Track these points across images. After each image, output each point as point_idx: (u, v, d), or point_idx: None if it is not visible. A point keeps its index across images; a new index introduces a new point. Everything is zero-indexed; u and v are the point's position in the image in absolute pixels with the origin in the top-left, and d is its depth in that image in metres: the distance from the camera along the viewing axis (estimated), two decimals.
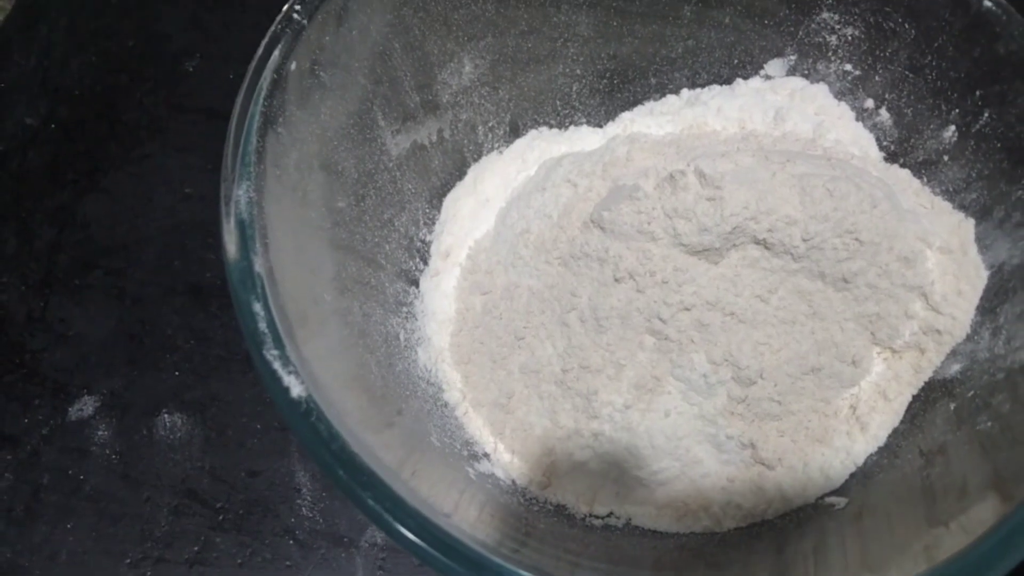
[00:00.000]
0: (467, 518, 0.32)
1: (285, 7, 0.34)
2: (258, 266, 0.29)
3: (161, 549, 0.41)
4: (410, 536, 0.26)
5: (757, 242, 0.37)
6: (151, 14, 0.54)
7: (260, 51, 0.32)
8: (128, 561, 0.40)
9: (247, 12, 0.54)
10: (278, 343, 0.28)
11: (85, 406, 0.43)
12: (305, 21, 0.33)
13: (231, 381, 0.44)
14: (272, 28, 0.33)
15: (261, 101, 0.31)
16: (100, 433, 0.43)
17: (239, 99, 0.32)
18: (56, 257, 0.47)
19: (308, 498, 0.42)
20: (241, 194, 0.30)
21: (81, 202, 0.49)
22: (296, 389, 0.27)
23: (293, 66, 0.33)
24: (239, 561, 0.41)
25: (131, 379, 0.44)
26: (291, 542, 0.41)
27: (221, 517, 0.41)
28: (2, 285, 0.46)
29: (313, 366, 0.29)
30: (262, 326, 0.28)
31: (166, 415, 0.43)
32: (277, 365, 0.27)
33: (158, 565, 0.40)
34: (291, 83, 0.33)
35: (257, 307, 0.28)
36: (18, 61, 0.53)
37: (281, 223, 0.32)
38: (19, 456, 0.42)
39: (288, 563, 0.41)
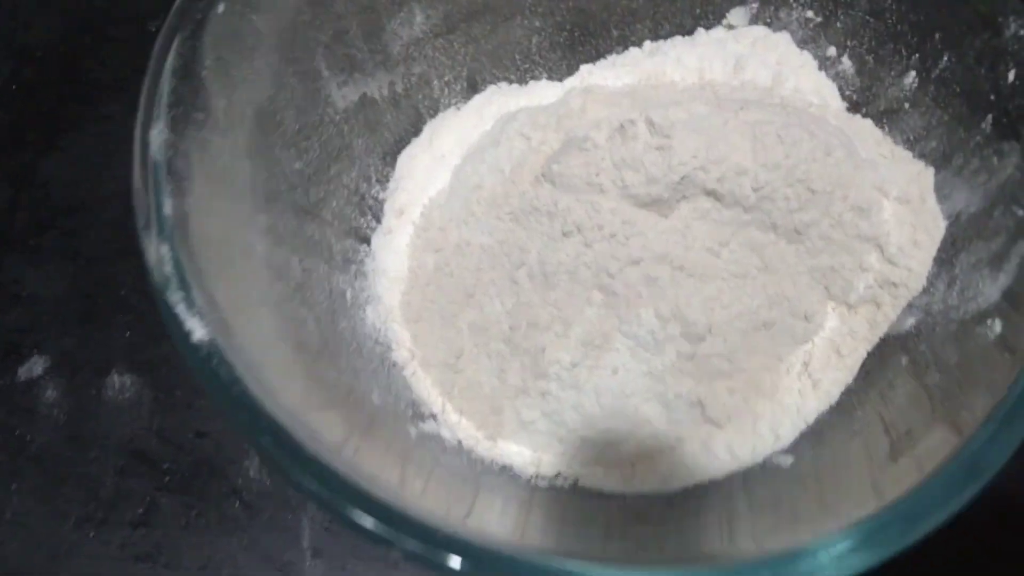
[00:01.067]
0: (414, 488, 0.31)
1: None
2: (168, 208, 0.28)
3: (106, 510, 0.40)
4: (343, 508, 0.25)
5: (708, 193, 0.36)
6: None
7: None
8: (72, 521, 0.40)
9: None
10: (183, 285, 0.27)
11: (35, 366, 0.43)
12: None
13: None
14: None
15: (181, 41, 0.31)
16: (49, 393, 0.42)
17: (159, 39, 0.31)
18: (13, 217, 0.47)
19: (256, 459, 0.41)
20: (154, 135, 0.29)
21: (41, 162, 0.48)
22: (198, 332, 0.26)
23: (221, 8, 0.32)
24: (184, 522, 0.40)
25: (83, 339, 0.44)
26: (237, 504, 0.40)
27: (167, 478, 0.41)
28: None
29: (230, 316, 0.28)
30: (167, 268, 0.27)
31: (116, 375, 0.43)
32: (180, 308, 0.26)
33: (102, 526, 0.40)
34: (218, 25, 0.32)
35: (164, 249, 0.27)
36: None
37: (204, 169, 0.31)
38: None
39: (234, 524, 0.40)
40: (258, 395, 0.26)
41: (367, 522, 0.24)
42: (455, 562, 0.24)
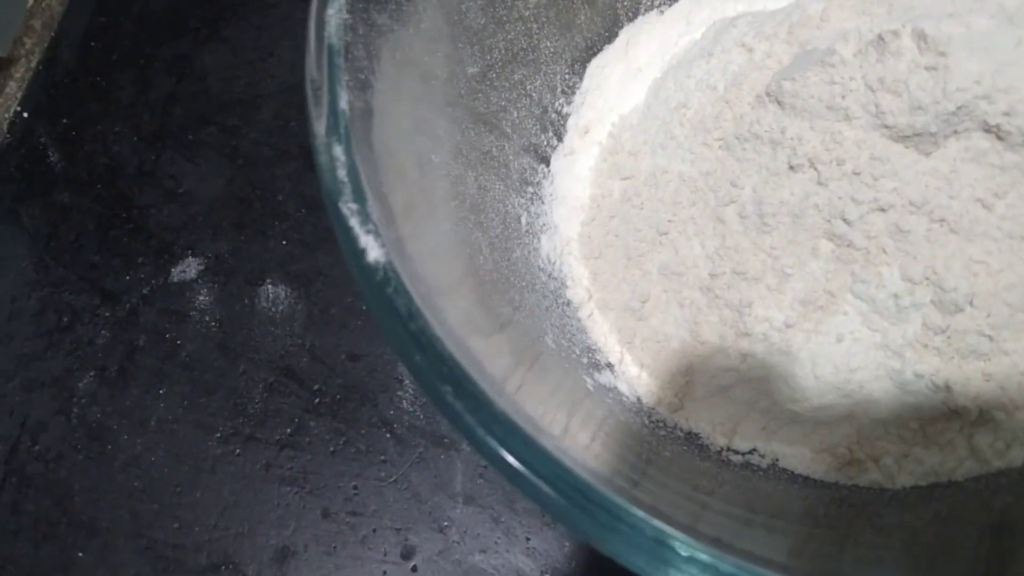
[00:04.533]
0: (578, 442, 0.27)
1: None
2: (344, 103, 0.24)
3: (253, 427, 0.38)
4: (502, 453, 0.21)
5: (988, 130, 0.29)
6: None
7: None
8: (219, 435, 0.38)
9: None
10: (358, 196, 0.23)
11: (188, 268, 0.41)
12: None
13: (340, 256, 0.40)
14: None
15: None
16: (201, 298, 0.41)
17: None
18: (171, 109, 0.45)
19: (410, 391, 0.39)
20: (331, 14, 0.25)
21: (200, 52, 0.46)
22: (374, 252, 0.22)
23: None
24: (332, 449, 0.38)
25: (237, 244, 0.42)
26: (388, 436, 0.38)
27: (317, 400, 0.39)
28: (115, 135, 0.44)
29: (405, 232, 0.24)
30: (341, 173, 0.23)
31: (270, 285, 0.40)
32: (354, 221, 0.22)
33: (248, 443, 0.38)
34: None
35: (338, 151, 0.23)
36: None
37: (383, 61, 0.27)
38: (118, 314, 0.40)
39: (383, 458, 0.37)
40: (438, 332, 0.21)
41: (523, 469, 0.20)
42: (615, 544, 0.19)
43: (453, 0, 0.31)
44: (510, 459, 0.21)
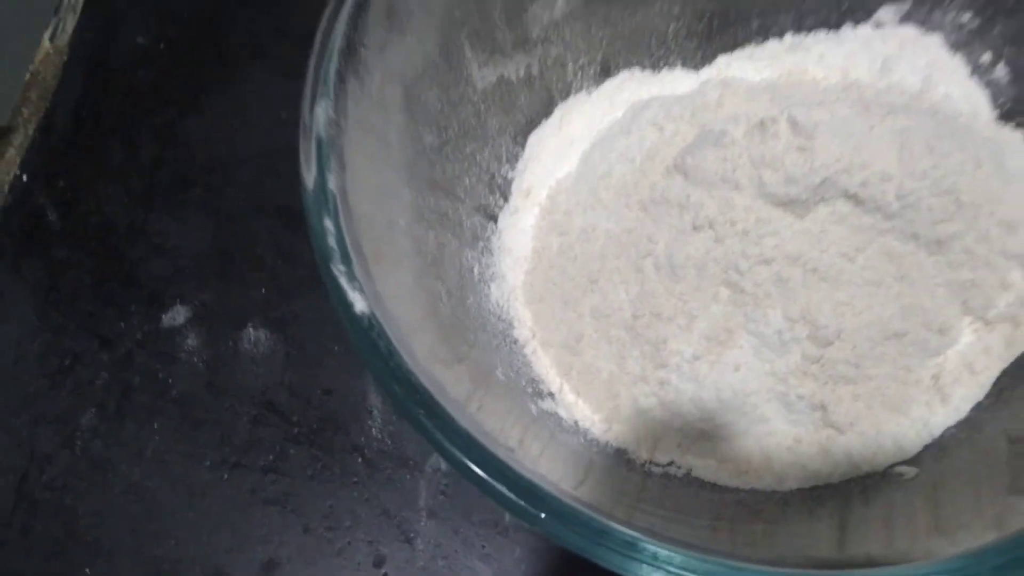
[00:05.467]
0: (530, 453, 0.33)
1: None
2: (332, 184, 0.30)
3: (239, 455, 0.43)
4: (467, 462, 0.26)
5: (848, 197, 0.36)
6: None
7: None
8: (208, 463, 0.43)
9: None
10: (346, 259, 0.28)
11: (177, 315, 0.46)
12: None
13: (314, 301, 0.46)
14: None
15: (346, 20, 0.32)
16: (189, 342, 0.45)
17: (324, 17, 0.32)
18: (158, 172, 0.49)
19: (378, 420, 0.43)
20: (320, 112, 0.30)
21: (183, 121, 0.51)
22: (359, 305, 0.28)
23: None
24: (310, 473, 0.42)
25: (221, 292, 0.46)
26: (359, 460, 0.43)
27: (296, 430, 0.43)
28: (107, 196, 0.49)
29: (381, 286, 0.30)
30: (331, 241, 0.29)
31: (251, 329, 0.45)
32: (343, 280, 0.28)
33: (235, 469, 0.43)
34: (378, 4, 0.33)
35: (328, 223, 0.29)
36: None
37: (360, 145, 0.32)
38: (114, 357, 0.45)
39: (355, 479, 0.42)
40: (411, 367, 0.27)
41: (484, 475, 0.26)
42: (558, 527, 0.25)
43: (414, 90, 0.37)
44: (471, 464, 0.26)
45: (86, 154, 0.50)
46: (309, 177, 0.30)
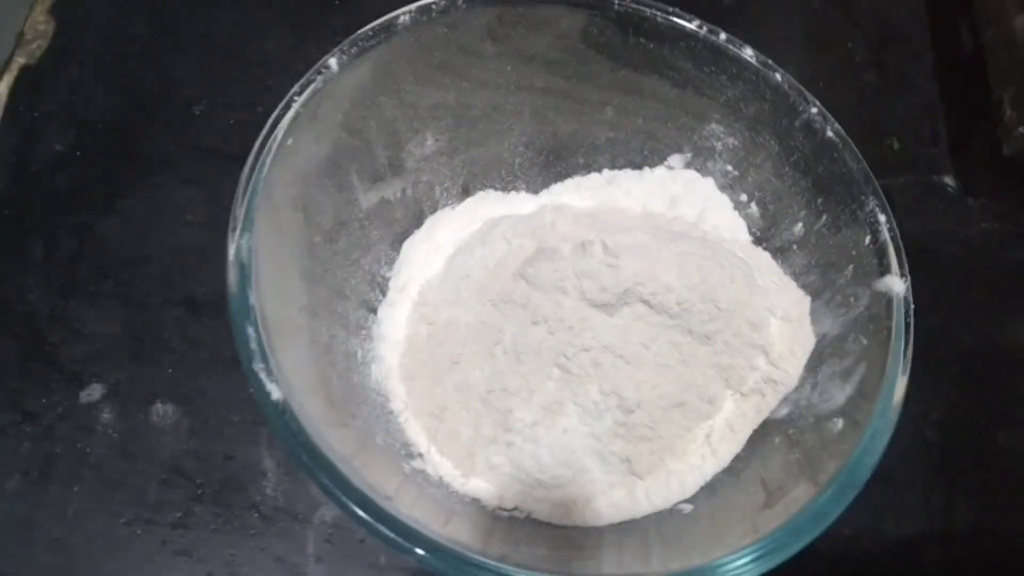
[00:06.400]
0: (404, 501, 0.41)
1: (287, 96, 0.43)
2: (252, 298, 0.38)
3: (151, 513, 0.49)
4: (357, 510, 0.35)
5: (643, 302, 0.46)
6: (167, 63, 0.63)
7: (265, 131, 0.42)
8: (123, 520, 0.49)
9: (247, 66, 0.64)
10: (264, 358, 0.37)
11: (94, 392, 0.52)
12: (301, 110, 0.43)
13: (215, 380, 0.53)
14: (278, 110, 0.43)
15: (265, 171, 0.41)
16: (105, 415, 0.51)
17: (247, 164, 0.41)
18: (76, 266, 0.55)
19: (272, 480, 0.51)
20: (243, 243, 0.39)
21: (100, 221, 0.57)
22: (275, 394, 0.36)
23: (289, 142, 0.43)
24: (213, 527, 0.49)
25: (133, 372, 0.53)
26: (256, 515, 0.50)
27: (200, 491, 0.50)
28: (29, 286, 0.54)
29: (287, 375, 0.38)
30: (253, 345, 0.37)
31: (160, 404, 0.52)
32: (263, 375, 0.36)
33: (148, 525, 0.49)
34: (284, 154, 0.43)
35: (250, 331, 0.37)
36: (52, 94, 0.61)
37: (267, 260, 0.40)
38: (37, 430, 0.50)
39: (253, 531, 0.50)
40: (318, 443, 0.36)
41: (369, 519, 0.35)
42: (429, 558, 0.35)
43: (311, 214, 0.46)
44: (359, 511, 0.36)
45: (8, 250, 0.55)
46: (234, 295, 0.38)
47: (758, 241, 0.51)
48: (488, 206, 0.55)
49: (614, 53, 0.50)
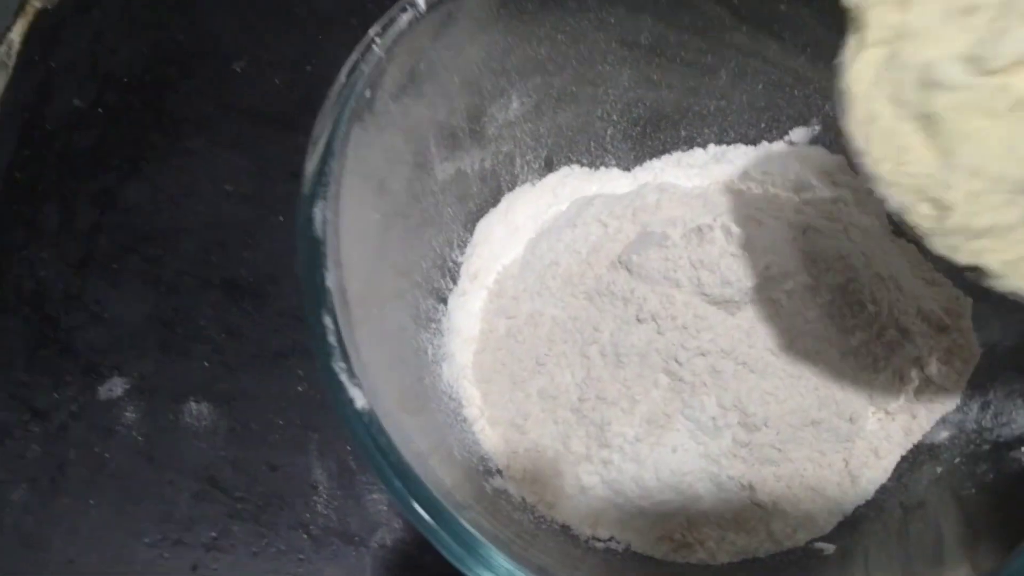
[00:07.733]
0: (484, 527, 0.35)
1: (367, 37, 0.36)
2: (329, 281, 0.31)
3: (180, 532, 0.43)
4: (467, 558, 0.29)
5: (772, 301, 0.40)
6: (204, 12, 0.56)
7: (343, 79, 0.35)
8: (147, 540, 0.42)
9: (296, 21, 0.57)
10: (345, 356, 0.30)
11: (115, 387, 0.45)
12: (383, 55, 0.36)
13: (259, 377, 0.46)
14: (353, 56, 0.35)
15: (342, 126, 0.34)
16: (127, 415, 0.45)
17: (318, 122, 0.34)
18: (96, 238, 0.49)
19: (324, 496, 0.44)
20: (316, 212, 0.32)
21: (123, 187, 0.51)
22: (360, 401, 0.29)
23: (368, 93, 0.36)
24: (254, 550, 0.43)
25: (161, 365, 0.46)
26: (305, 536, 0.43)
27: (239, 506, 0.43)
28: (41, 261, 0.48)
29: (371, 377, 0.31)
30: (331, 339, 0.30)
31: (193, 403, 0.45)
32: (344, 377, 0.29)
33: (176, 547, 0.42)
34: (364, 112, 0.35)
35: (327, 320, 0.30)
36: (70, 43, 0.54)
37: (345, 235, 0.34)
38: (47, 429, 0.44)
39: (300, 556, 0.43)
40: (411, 463, 0.29)
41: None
42: None
43: (386, 184, 0.39)
44: (462, 553, 0.28)
45: (18, 218, 0.48)
46: (306, 276, 0.31)
47: (899, 231, 0.44)
48: (573, 184, 0.49)
49: (736, 6, 0.42)
